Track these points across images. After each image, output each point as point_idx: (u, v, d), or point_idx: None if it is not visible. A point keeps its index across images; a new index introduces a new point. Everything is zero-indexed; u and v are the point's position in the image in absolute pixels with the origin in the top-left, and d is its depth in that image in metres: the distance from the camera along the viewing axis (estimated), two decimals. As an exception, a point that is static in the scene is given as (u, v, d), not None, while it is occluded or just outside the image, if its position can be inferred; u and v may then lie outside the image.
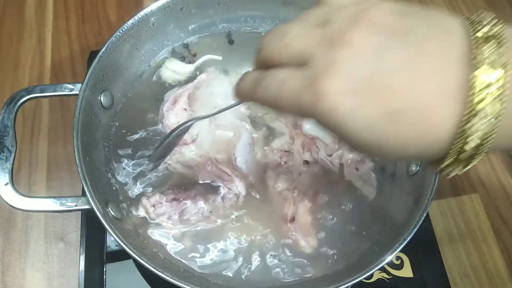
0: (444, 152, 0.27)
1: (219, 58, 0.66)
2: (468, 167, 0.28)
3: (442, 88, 0.26)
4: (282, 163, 0.60)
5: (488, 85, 0.25)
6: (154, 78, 0.65)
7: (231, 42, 0.69)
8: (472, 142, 0.26)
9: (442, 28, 0.28)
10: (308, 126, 0.62)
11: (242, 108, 0.63)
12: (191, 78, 0.65)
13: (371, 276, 0.60)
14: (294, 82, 0.29)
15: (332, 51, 0.28)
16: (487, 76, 0.25)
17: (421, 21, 0.28)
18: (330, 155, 0.60)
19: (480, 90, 0.25)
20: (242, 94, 0.36)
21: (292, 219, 0.56)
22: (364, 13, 0.29)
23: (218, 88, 0.64)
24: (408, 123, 0.26)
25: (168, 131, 0.58)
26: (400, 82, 0.26)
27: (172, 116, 0.61)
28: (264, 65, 0.33)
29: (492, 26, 0.27)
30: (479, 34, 0.26)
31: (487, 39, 0.26)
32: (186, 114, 0.61)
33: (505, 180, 0.71)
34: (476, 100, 0.25)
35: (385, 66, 0.27)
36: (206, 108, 0.62)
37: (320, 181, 0.59)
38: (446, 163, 0.28)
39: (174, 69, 0.64)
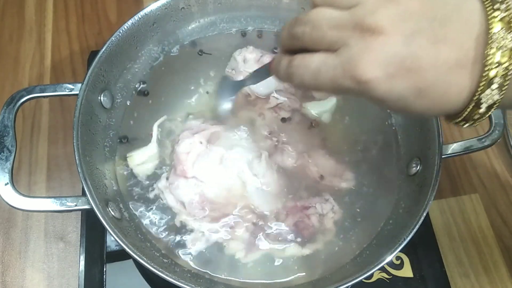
0: (458, 112, 0.34)
1: (164, 117, 0.62)
2: (477, 123, 0.35)
3: (460, 67, 0.32)
4: (276, 143, 0.60)
5: (498, 65, 0.31)
6: (138, 178, 0.59)
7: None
8: (483, 106, 0.33)
9: (462, 11, 0.32)
10: (260, 89, 0.63)
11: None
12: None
13: (371, 276, 0.60)
14: (331, 69, 0.34)
15: (365, 39, 0.32)
16: (499, 58, 0.31)
17: (444, 4, 0.32)
18: (293, 94, 0.63)
19: (492, 69, 0.31)
20: (279, 77, 0.41)
21: (321, 177, 0.58)
22: None
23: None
24: (432, 97, 0.33)
25: (177, 158, 0.57)
26: (426, 63, 0.32)
27: (186, 144, 0.58)
28: (292, 49, 0.38)
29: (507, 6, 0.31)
30: (495, 14, 0.31)
31: (502, 20, 0.31)
32: (199, 147, 0.58)
33: (505, 180, 0.71)
34: (490, 75, 0.31)
35: (414, 50, 0.32)
36: (223, 145, 0.59)
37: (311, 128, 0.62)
38: (458, 119, 0.35)
39: (141, 161, 0.59)
